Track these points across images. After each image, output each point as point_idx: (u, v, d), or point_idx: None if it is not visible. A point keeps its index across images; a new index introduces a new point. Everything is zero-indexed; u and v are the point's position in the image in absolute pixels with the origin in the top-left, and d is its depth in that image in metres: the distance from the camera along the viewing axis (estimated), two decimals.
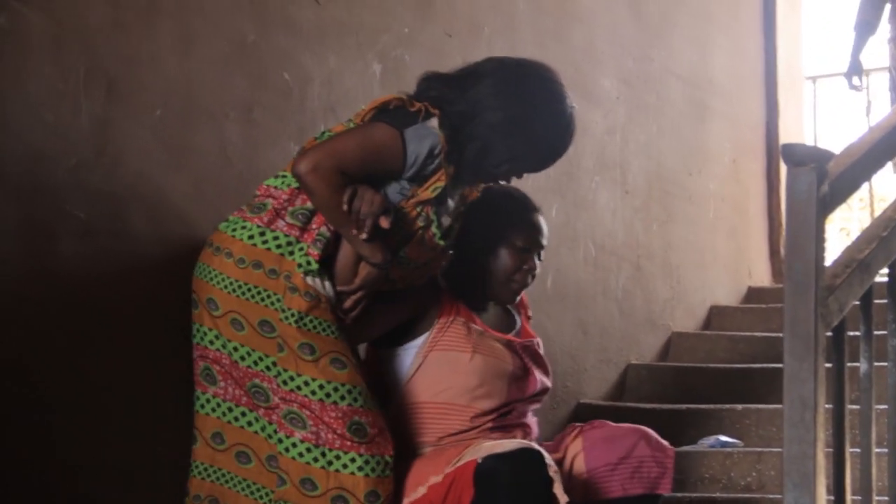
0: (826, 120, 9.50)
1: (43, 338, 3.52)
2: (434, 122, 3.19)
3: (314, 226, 3.26)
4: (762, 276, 7.89)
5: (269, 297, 3.21)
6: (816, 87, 9.30)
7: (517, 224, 3.65)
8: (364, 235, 3.12)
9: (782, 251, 7.74)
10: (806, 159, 2.46)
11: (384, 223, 3.12)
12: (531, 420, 3.69)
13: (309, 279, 3.19)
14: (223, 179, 4.10)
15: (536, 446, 3.28)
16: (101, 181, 3.71)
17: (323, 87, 4.48)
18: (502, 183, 3.50)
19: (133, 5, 3.83)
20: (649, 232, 6.59)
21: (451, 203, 3.37)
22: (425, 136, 3.18)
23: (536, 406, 3.72)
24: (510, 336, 3.70)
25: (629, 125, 6.35)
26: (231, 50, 4.15)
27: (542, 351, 3.80)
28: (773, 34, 7.95)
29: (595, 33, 6.19)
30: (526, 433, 3.61)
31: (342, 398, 3.14)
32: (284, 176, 3.35)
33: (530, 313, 3.93)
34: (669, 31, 6.92)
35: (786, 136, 7.92)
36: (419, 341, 3.56)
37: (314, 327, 3.17)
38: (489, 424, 3.52)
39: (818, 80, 9.34)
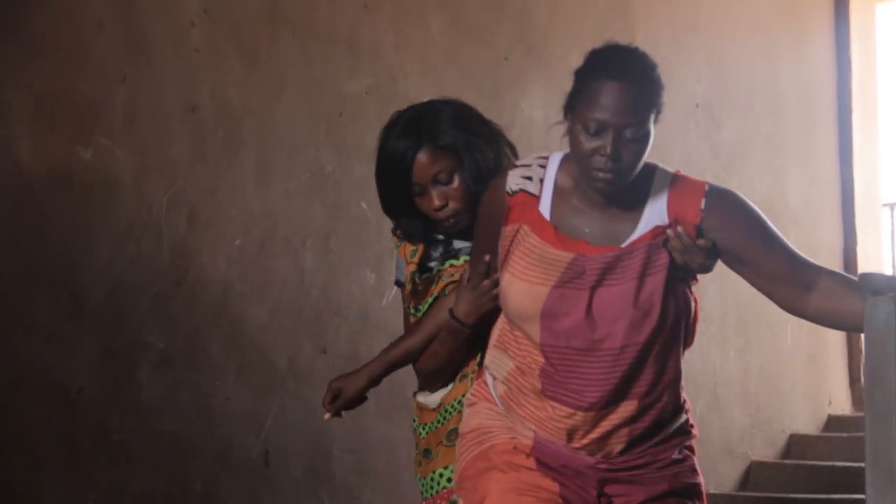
0: None
1: (121, 466, 3.55)
2: None
3: None
4: (842, 404, 7.77)
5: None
6: (894, 213, 9.24)
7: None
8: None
9: (863, 379, 7.64)
10: (884, 288, 2.43)
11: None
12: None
13: (418, 396, 3.20)
14: (300, 308, 4.14)
15: None
16: (180, 310, 3.76)
17: None
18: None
19: (214, 138, 3.91)
20: (726, 359, 6.53)
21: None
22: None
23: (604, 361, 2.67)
24: (583, 246, 2.69)
25: None
26: (309, 180, 4.22)
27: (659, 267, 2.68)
28: (850, 161, 7.92)
29: (670, 161, 6.15)
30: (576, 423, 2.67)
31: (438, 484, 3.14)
32: None
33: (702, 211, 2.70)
34: (744, 158, 6.93)
35: (864, 263, 7.85)
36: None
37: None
38: (535, 368, 2.71)
39: None
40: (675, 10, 6.28)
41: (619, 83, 2.62)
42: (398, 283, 3.14)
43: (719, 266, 2.74)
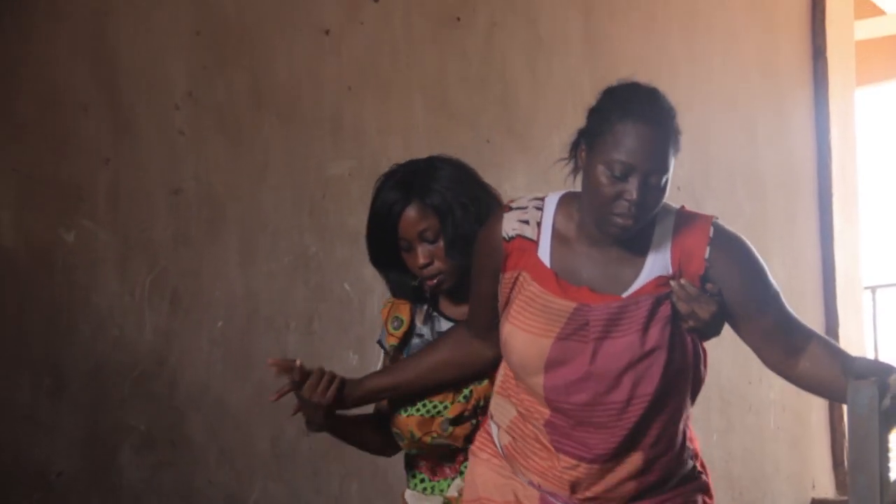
0: (887, 330, 9.44)
1: None
2: None
3: None
4: (826, 488, 7.74)
5: None
6: (876, 296, 9.28)
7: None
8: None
9: (846, 462, 7.62)
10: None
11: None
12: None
13: (407, 495, 3.15)
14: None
15: None
16: (163, 392, 3.75)
17: (383, 298, 4.52)
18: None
19: (197, 221, 3.91)
20: (709, 442, 6.51)
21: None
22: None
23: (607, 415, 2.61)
24: (586, 294, 2.62)
25: None
26: (293, 261, 4.22)
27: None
28: (831, 244, 7.96)
29: None
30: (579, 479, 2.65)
31: None
32: None
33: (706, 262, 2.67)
34: None
35: (846, 346, 7.80)
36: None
37: None
38: (539, 424, 2.67)
39: (878, 290, 9.33)
40: None
41: (647, 127, 2.58)
42: (380, 344, 3.14)
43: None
